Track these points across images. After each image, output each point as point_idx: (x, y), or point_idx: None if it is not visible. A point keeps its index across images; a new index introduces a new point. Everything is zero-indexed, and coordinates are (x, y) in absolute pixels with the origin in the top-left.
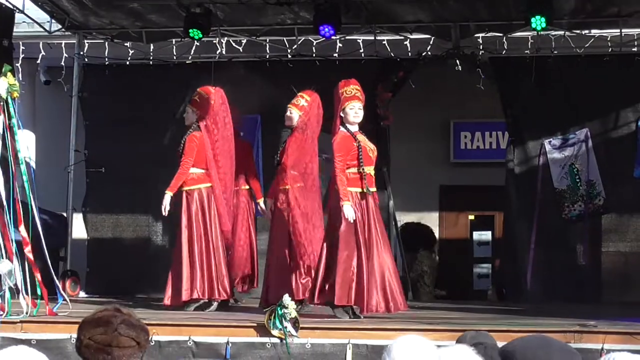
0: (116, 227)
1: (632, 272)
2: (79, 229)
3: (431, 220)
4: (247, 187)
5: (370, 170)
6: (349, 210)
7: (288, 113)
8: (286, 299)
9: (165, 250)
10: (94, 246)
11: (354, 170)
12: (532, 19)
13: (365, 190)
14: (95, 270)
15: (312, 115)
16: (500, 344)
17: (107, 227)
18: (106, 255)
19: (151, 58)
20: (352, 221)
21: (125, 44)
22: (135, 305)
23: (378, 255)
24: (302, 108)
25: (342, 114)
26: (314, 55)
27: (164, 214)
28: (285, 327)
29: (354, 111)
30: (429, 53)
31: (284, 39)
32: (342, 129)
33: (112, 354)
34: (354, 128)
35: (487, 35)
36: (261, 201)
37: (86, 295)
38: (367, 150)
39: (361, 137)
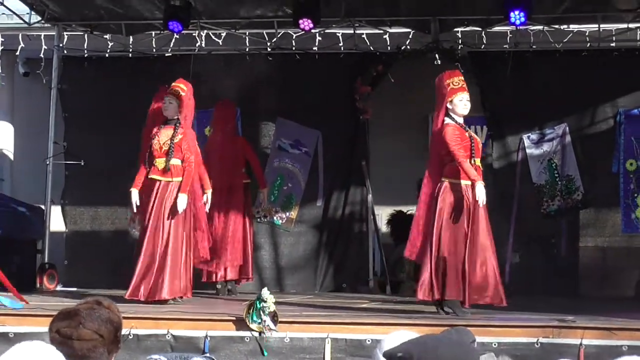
0: (95, 220)
1: (610, 267)
2: (57, 221)
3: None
4: (245, 180)
5: (479, 162)
6: (481, 190)
7: (168, 103)
8: (265, 292)
9: None
10: (72, 239)
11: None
12: (511, 14)
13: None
14: (73, 263)
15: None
16: (479, 339)
17: (86, 220)
18: (84, 248)
19: (130, 50)
20: (483, 203)
21: (105, 36)
22: (114, 298)
23: (481, 248)
24: (182, 98)
25: (449, 105)
26: (293, 48)
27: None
28: (264, 321)
29: (463, 102)
30: (408, 47)
31: (264, 32)
32: (448, 120)
33: (73, 346)
34: (461, 120)
35: (466, 29)
36: (265, 191)
37: (64, 289)
38: (477, 142)
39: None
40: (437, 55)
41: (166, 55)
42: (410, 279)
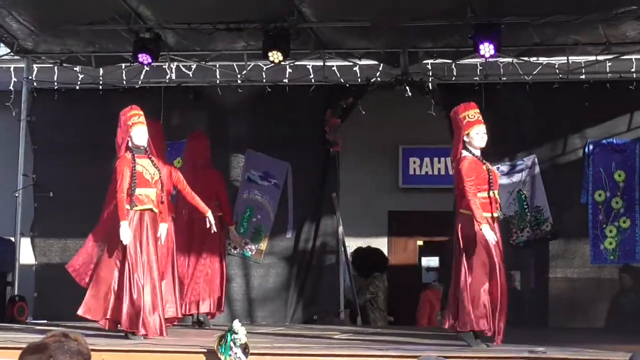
0: (64, 252)
1: (579, 298)
2: (26, 253)
3: (380, 245)
4: (219, 213)
5: (497, 194)
6: (489, 233)
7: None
8: (236, 324)
9: None
10: (41, 271)
11: (484, 194)
12: (481, 46)
13: (495, 215)
14: (43, 295)
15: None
16: None
17: (55, 252)
18: (54, 281)
19: (100, 82)
20: (493, 243)
21: (75, 69)
22: (85, 330)
23: (501, 278)
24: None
25: (466, 139)
26: (263, 80)
27: None
28: (235, 353)
29: (480, 135)
30: (378, 79)
31: (234, 64)
32: (466, 153)
33: None
34: (478, 152)
35: (435, 61)
36: (232, 228)
37: (34, 321)
38: (495, 174)
39: (485, 161)
40: (407, 88)
41: (136, 87)
42: (379, 309)
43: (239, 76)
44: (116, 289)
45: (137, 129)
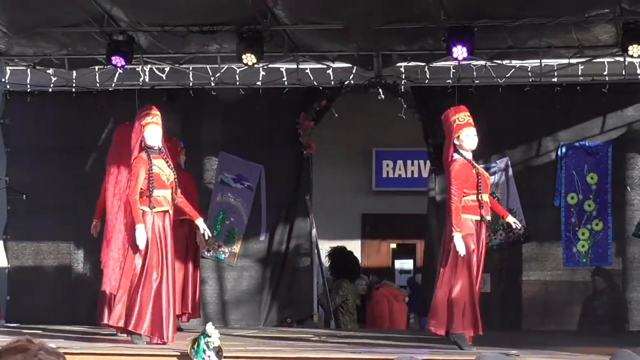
0: (37, 255)
1: (552, 301)
2: None
3: (353, 248)
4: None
5: (486, 197)
6: (459, 242)
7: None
8: (209, 327)
9: (86, 278)
10: (14, 274)
11: (473, 197)
12: (454, 49)
13: (482, 218)
14: (16, 298)
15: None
16: None
17: (28, 255)
18: (27, 284)
19: (74, 85)
20: (462, 254)
21: (48, 71)
22: (57, 332)
23: (477, 280)
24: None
25: (456, 142)
26: (237, 83)
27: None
28: (209, 357)
29: (470, 138)
30: (352, 82)
31: (207, 66)
32: (457, 156)
33: None
34: (469, 155)
35: (409, 64)
36: (199, 221)
37: (7, 324)
38: (485, 177)
39: (476, 164)
40: (380, 90)
41: (109, 90)
42: (349, 312)
43: (212, 79)
44: (138, 293)
45: (150, 129)
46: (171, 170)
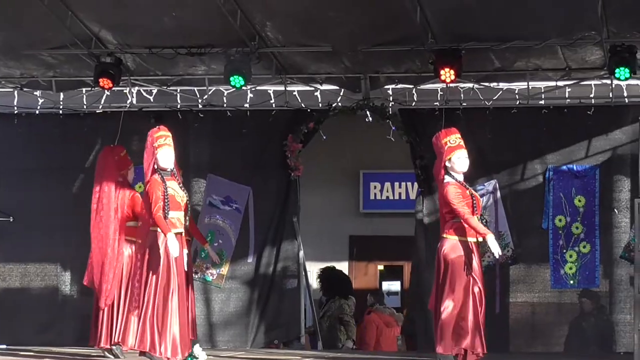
0: (24, 277)
1: (539, 322)
2: None
3: (341, 270)
4: (187, 238)
5: (479, 219)
6: (493, 243)
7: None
8: (197, 349)
9: (73, 300)
10: (1, 296)
11: None
12: (442, 72)
13: (479, 240)
14: (2, 320)
15: None
16: None
17: (15, 277)
18: (14, 305)
19: (61, 107)
20: (498, 254)
21: (35, 93)
22: (45, 354)
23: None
24: None
25: (448, 164)
26: (224, 105)
27: None
28: None
29: (462, 160)
30: (339, 104)
31: (195, 89)
32: (448, 178)
33: None
34: (461, 177)
35: (396, 86)
36: (207, 247)
37: None
38: (478, 199)
39: (468, 186)
40: (368, 113)
41: (97, 112)
42: (343, 334)
43: (200, 101)
44: (157, 314)
45: (163, 151)
46: (184, 193)
